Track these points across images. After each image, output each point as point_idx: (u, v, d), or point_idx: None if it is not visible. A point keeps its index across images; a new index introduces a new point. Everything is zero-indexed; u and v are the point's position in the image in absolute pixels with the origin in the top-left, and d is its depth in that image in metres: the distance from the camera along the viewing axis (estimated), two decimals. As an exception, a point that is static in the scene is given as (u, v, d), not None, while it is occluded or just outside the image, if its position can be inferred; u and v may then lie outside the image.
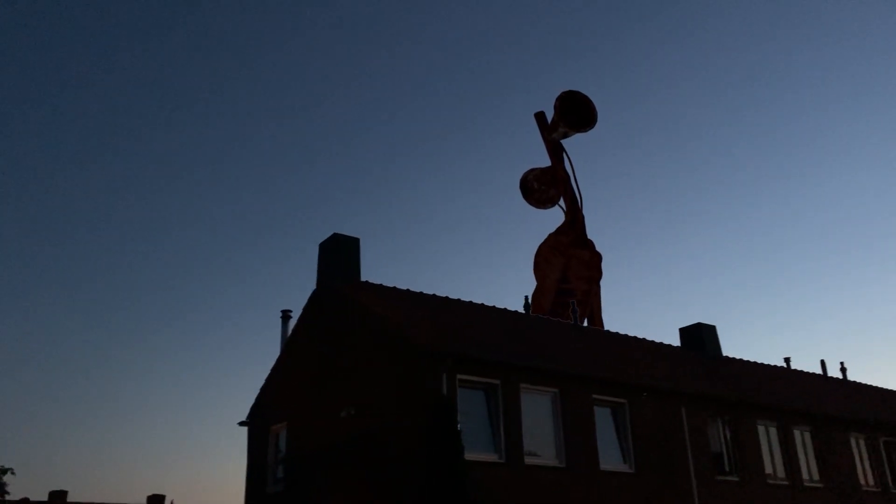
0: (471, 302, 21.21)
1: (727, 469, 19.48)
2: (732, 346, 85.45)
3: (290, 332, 20.47)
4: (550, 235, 35.90)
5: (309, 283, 21.13)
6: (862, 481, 22.65)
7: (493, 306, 21.71)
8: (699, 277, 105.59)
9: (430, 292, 20.49)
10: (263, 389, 20.77)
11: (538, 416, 16.41)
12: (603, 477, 16.71)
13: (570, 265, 34.77)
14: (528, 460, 15.72)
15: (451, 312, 19.29)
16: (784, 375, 27.58)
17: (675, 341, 27.18)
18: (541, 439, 16.24)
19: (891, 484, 23.45)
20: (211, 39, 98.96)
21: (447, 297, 20.67)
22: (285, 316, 20.89)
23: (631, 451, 17.54)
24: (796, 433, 21.61)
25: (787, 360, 29.93)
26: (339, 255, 19.21)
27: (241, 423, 21.16)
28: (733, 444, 19.87)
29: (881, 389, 32.06)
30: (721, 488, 18.83)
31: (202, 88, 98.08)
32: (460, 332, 17.57)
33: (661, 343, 25.58)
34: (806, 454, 21.64)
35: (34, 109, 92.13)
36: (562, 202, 36.56)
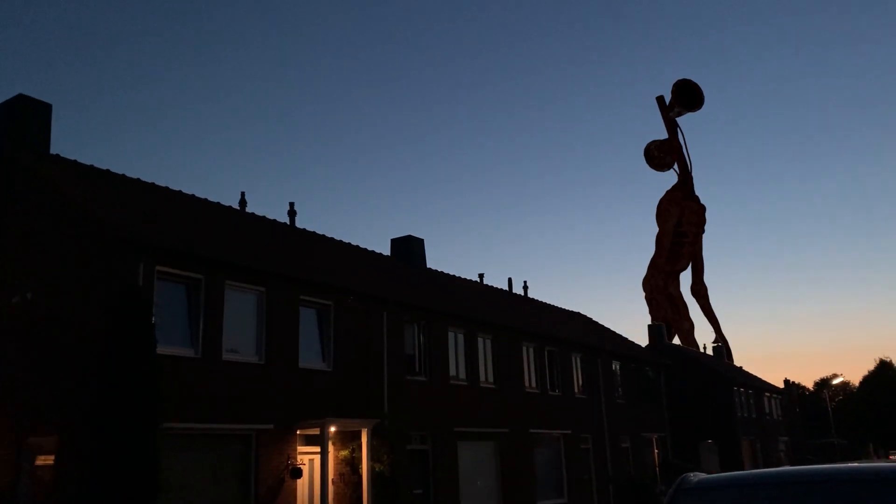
0: (179, 191, 19.92)
1: (417, 370, 21.09)
2: (438, 260, 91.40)
3: (-45, 203, 17.57)
4: (668, 191, 44.13)
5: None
6: (527, 384, 26.00)
7: (205, 199, 20.65)
8: (417, 195, 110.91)
9: (135, 176, 18.84)
10: (-85, 267, 17.75)
11: (242, 313, 16.20)
12: (301, 374, 17.13)
13: (684, 213, 43.17)
14: (227, 356, 15.55)
15: (155, 200, 18.00)
16: (476, 289, 30.29)
17: (388, 251, 28.35)
18: (242, 336, 16.12)
19: (549, 387, 27.23)
20: None
21: (153, 183, 19.17)
22: (-50, 184, 17.84)
23: (331, 351, 18.15)
24: (480, 340, 23.98)
25: (480, 276, 32.93)
26: (25, 120, 16.72)
27: None
28: (425, 348, 21.49)
29: (553, 306, 36.78)
30: (409, 387, 20.36)
31: None
32: (164, 221, 16.51)
33: (372, 251, 26.49)
34: (486, 359, 24.17)
35: None
36: (676, 167, 44.97)
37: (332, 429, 17.04)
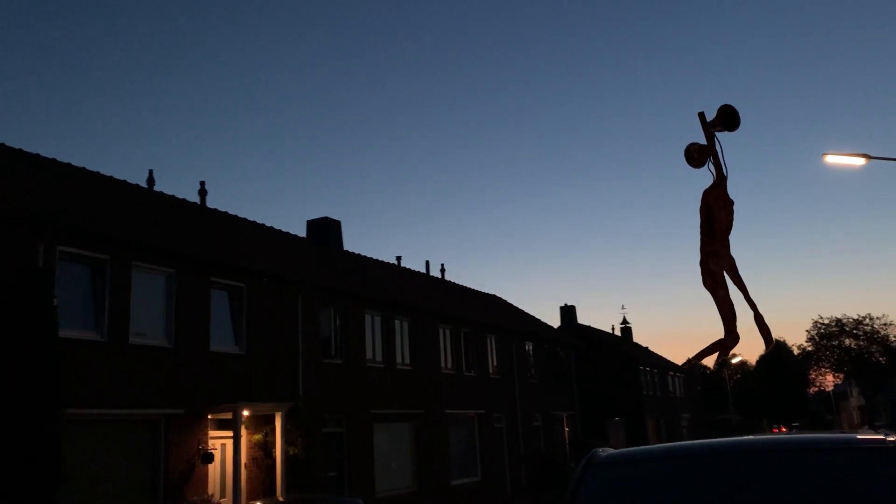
0: (83, 168, 18.97)
1: (333, 353, 20.94)
2: (355, 242, 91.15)
3: None
4: (706, 190, 51.43)
5: None
6: (443, 365, 26.24)
7: (110, 176, 19.75)
8: (334, 175, 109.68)
9: (34, 151, 17.82)
10: None
11: (150, 295, 15.69)
12: (212, 357, 16.74)
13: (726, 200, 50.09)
14: (134, 340, 15.06)
15: (57, 176, 17.10)
16: (394, 272, 30.26)
17: (304, 233, 27.89)
18: (150, 319, 15.62)
19: (464, 368, 27.57)
20: None
21: (54, 159, 18.18)
22: None
23: (244, 334, 17.79)
24: (396, 323, 24.01)
25: (398, 258, 32.87)
26: None
27: None
28: (342, 331, 21.36)
29: (470, 289, 37.16)
30: (325, 370, 20.21)
31: None
32: (67, 199, 15.73)
33: (287, 233, 26.03)
34: (402, 341, 24.23)
35: None
36: (711, 168, 52.31)
37: (245, 413, 16.75)
